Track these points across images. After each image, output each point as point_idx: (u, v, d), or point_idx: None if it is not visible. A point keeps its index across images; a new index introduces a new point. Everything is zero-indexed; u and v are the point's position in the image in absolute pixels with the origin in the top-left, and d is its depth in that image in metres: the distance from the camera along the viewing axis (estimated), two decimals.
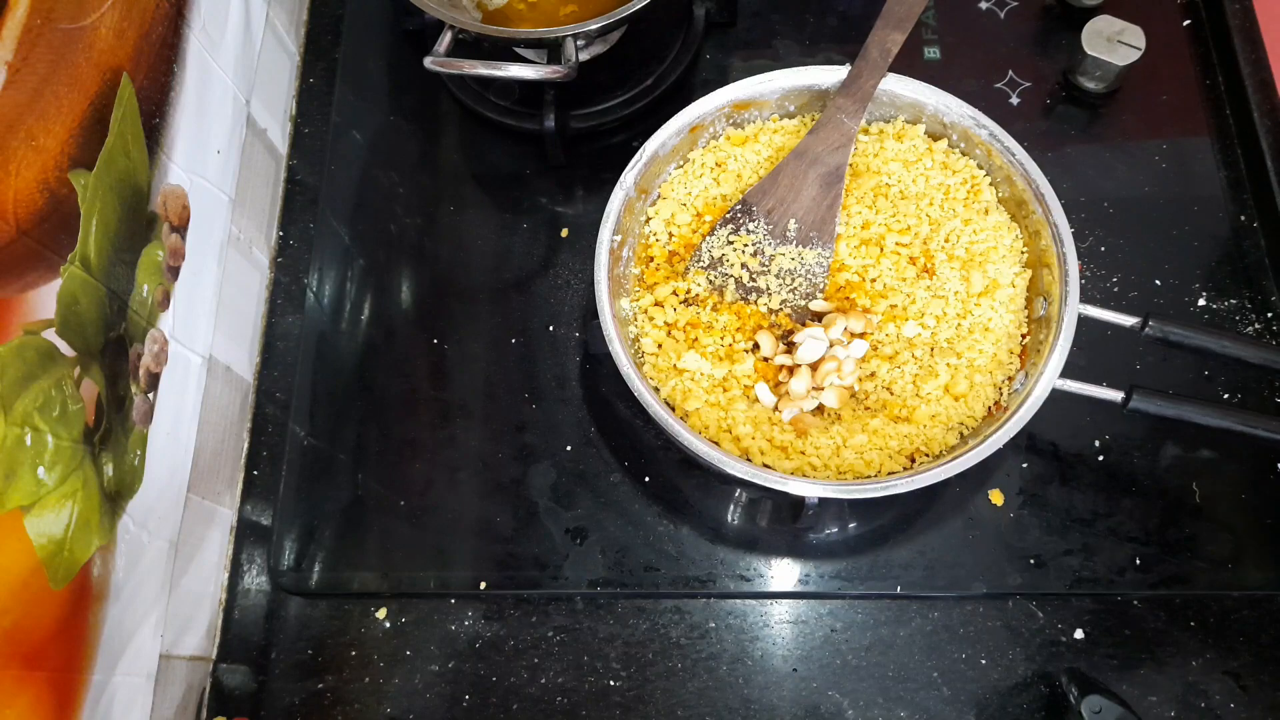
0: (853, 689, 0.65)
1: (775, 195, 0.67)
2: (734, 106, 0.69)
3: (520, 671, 0.66)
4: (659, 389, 0.64)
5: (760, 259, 0.67)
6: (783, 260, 0.66)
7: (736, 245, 0.67)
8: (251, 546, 0.71)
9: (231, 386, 0.71)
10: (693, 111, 0.68)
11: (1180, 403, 0.60)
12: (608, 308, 0.62)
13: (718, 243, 0.67)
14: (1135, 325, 0.61)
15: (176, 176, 0.63)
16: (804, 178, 0.67)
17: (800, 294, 0.66)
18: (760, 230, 0.67)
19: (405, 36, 0.85)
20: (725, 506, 0.69)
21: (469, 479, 0.70)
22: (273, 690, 0.66)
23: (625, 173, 0.66)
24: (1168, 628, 0.65)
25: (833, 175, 0.66)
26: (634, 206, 0.67)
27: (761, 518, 0.69)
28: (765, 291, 0.66)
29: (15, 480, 0.47)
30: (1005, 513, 0.68)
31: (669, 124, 0.68)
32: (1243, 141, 0.78)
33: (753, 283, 0.66)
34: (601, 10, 0.72)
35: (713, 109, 0.69)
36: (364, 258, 0.78)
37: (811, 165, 0.67)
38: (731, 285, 0.66)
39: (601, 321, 0.62)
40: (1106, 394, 0.60)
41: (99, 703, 0.54)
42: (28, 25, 0.49)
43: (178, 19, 0.64)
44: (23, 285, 0.49)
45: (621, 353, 0.61)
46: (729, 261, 0.67)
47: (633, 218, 0.68)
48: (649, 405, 0.60)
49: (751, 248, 0.67)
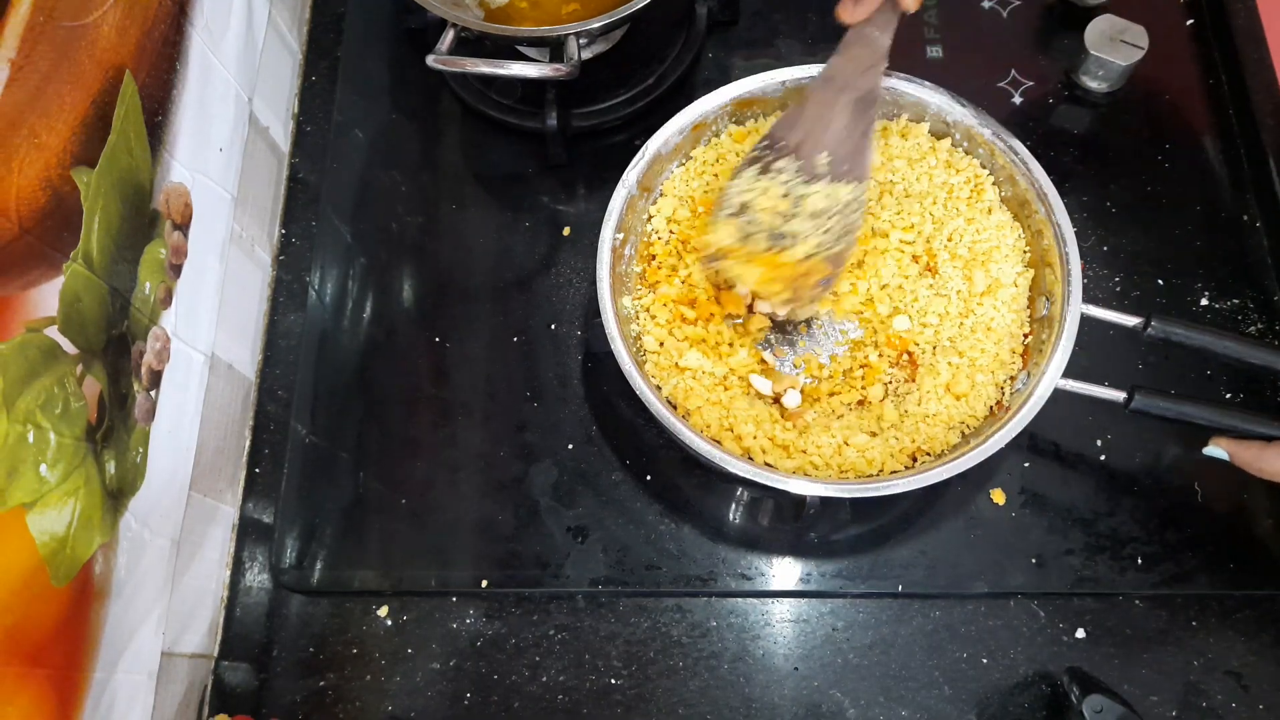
0: (854, 688, 0.65)
1: (803, 127, 0.61)
2: (736, 104, 0.69)
3: (521, 670, 0.66)
4: (660, 387, 0.64)
5: (791, 200, 0.60)
6: (815, 200, 0.60)
7: (764, 187, 0.61)
8: (253, 544, 0.71)
9: (233, 384, 0.71)
10: (695, 110, 0.68)
11: (1182, 402, 0.60)
12: (610, 306, 0.62)
13: (743, 185, 0.61)
14: (1138, 325, 0.61)
15: (179, 174, 0.63)
16: (833, 105, 0.61)
17: (834, 236, 0.61)
18: (789, 168, 0.61)
19: (407, 35, 0.85)
20: (727, 505, 0.69)
21: (470, 477, 0.70)
22: (274, 688, 0.66)
23: (628, 171, 0.66)
24: (1169, 627, 0.65)
25: (865, 100, 0.60)
26: (636, 204, 0.67)
27: (763, 517, 0.69)
28: (796, 238, 0.60)
29: (17, 478, 0.47)
30: (1007, 512, 0.67)
31: (671, 122, 0.68)
32: (1245, 141, 0.78)
33: (786, 226, 0.61)
34: (604, 9, 0.72)
35: (715, 107, 0.69)
36: (366, 256, 0.78)
37: (841, 91, 0.61)
38: (763, 236, 0.61)
39: (604, 320, 0.62)
40: (1109, 394, 0.60)
41: (100, 700, 0.54)
42: (30, 23, 0.49)
43: (180, 17, 0.64)
44: (25, 283, 0.49)
45: (623, 351, 0.61)
46: (757, 206, 0.61)
47: (635, 215, 0.68)
48: (650, 404, 0.60)
49: (781, 188, 0.61)
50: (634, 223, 0.68)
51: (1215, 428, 0.59)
